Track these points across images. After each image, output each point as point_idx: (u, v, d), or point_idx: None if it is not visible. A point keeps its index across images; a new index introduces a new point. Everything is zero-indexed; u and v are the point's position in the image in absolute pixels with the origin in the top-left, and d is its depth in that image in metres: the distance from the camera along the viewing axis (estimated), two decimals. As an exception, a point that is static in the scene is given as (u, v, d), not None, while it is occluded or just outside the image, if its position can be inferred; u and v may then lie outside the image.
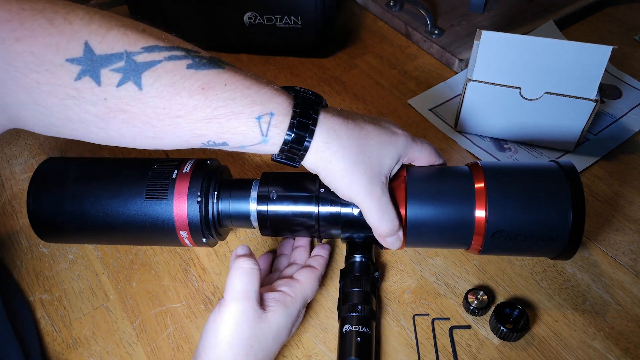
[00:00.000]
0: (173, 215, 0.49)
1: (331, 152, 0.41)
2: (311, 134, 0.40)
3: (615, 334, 0.51)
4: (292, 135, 0.40)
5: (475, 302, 0.52)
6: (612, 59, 0.68)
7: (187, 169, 0.50)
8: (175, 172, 0.50)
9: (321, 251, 0.55)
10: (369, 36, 0.88)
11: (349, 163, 0.42)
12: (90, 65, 0.35)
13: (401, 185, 0.47)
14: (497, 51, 0.62)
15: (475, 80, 0.64)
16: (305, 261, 0.54)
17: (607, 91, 0.75)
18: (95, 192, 0.50)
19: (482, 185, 0.46)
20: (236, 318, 0.43)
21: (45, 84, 0.35)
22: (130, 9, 0.81)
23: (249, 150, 0.41)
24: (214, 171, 0.52)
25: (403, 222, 0.46)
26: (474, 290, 0.53)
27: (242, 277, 0.44)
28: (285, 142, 0.40)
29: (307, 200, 0.49)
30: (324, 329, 0.52)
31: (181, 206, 0.49)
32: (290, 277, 0.50)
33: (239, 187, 0.51)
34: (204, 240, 0.50)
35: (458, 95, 0.76)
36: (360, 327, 0.46)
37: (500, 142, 0.69)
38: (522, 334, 0.50)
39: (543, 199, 0.45)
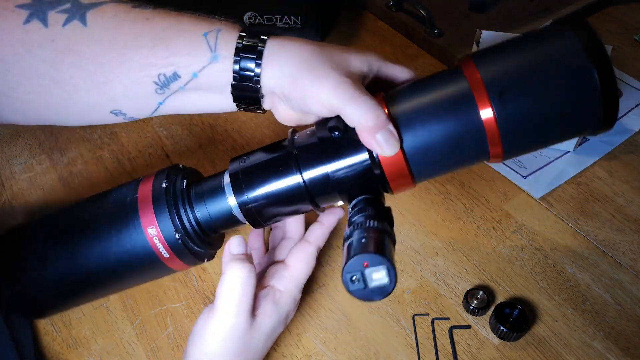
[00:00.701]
0: (141, 223, 0.42)
1: (287, 52, 0.37)
2: (263, 41, 0.37)
3: (615, 334, 0.51)
4: (242, 43, 0.37)
5: (475, 302, 0.52)
6: (612, 59, 0.68)
7: (150, 176, 0.45)
8: (141, 178, 0.45)
9: (324, 217, 0.49)
10: (369, 36, 0.88)
11: (309, 62, 0.37)
12: (38, 8, 0.37)
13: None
14: (497, 51, 0.62)
15: (475, 80, 0.64)
16: (301, 234, 0.50)
17: (607, 91, 0.75)
18: (60, 240, 0.45)
19: (477, 75, 0.35)
20: (228, 329, 0.41)
21: None
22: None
23: (204, 82, 0.38)
24: (179, 170, 0.46)
25: (402, 156, 0.37)
26: (474, 290, 0.53)
27: (237, 288, 0.41)
28: (237, 52, 0.37)
29: (285, 166, 0.40)
30: (324, 329, 0.52)
31: (148, 211, 0.42)
32: (282, 261, 0.47)
33: (209, 182, 0.44)
34: (176, 235, 0.42)
35: (458, 95, 0.76)
36: (371, 221, 0.34)
37: (500, 142, 0.69)
38: (522, 334, 0.50)
39: (551, 49, 0.34)
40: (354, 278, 0.32)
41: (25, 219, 0.63)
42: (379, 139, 0.36)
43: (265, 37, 0.38)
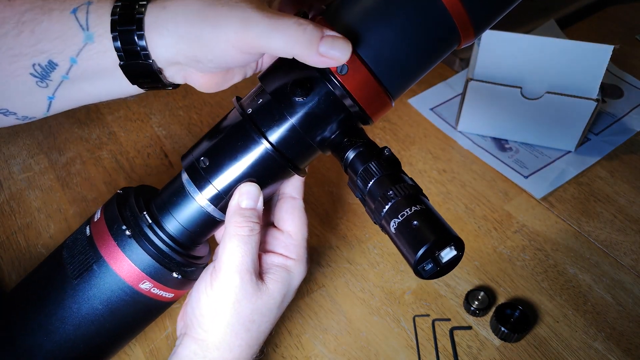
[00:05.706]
0: (115, 272, 0.36)
1: (171, 12, 0.32)
2: (142, 7, 0.32)
3: (616, 335, 0.50)
4: (117, 16, 0.32)
5: (476, 302, 0.51)
6: (613, 59, 0.68)
7: (97, 216, 0.39)
8: (87, 227, 0.38)
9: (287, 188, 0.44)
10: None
11: (201, 11, 0.32)
12: None
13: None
14: (497, 50, 0.62)
15: (476, 80, 0.64)
16: (301, 192, 0.43)
17: (609, 91, 0.75)
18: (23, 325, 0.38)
19: None
20: (234, 295, 0.37)
21: None
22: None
23: (88, 67, 0.34)
24: (128, 196, 0.39)
25: (367, 73, 0.32)
26: (475, 291, 0.52)
27: (239, 248, 0.37)
28: (113, 26, 0.32)
29: (243, 134, 0.35)
30: (324, 330, 0.52)
31: (116, 255, 0.36)
32: (278, 228, 0.42)
33: (168, 190, 0.39)
34: (175, 275, 0.38)
35: (459, 94, 0.75)
36: (408, 209, 0.30)
37: (501, 142, 0.69)
38: (523, 335, 0.49)
39: None
40: (426, 268, 0.30)
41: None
42: (323, 51, 0.31)
43: (145, 1, 0.32)
